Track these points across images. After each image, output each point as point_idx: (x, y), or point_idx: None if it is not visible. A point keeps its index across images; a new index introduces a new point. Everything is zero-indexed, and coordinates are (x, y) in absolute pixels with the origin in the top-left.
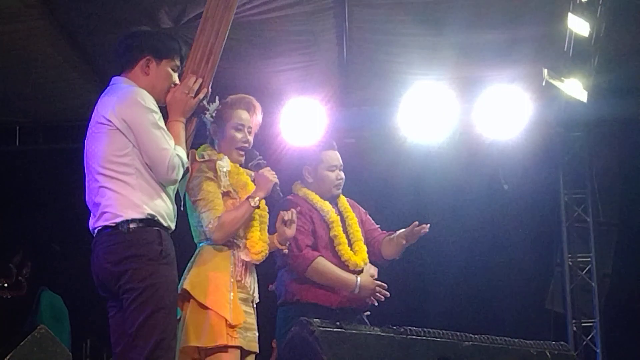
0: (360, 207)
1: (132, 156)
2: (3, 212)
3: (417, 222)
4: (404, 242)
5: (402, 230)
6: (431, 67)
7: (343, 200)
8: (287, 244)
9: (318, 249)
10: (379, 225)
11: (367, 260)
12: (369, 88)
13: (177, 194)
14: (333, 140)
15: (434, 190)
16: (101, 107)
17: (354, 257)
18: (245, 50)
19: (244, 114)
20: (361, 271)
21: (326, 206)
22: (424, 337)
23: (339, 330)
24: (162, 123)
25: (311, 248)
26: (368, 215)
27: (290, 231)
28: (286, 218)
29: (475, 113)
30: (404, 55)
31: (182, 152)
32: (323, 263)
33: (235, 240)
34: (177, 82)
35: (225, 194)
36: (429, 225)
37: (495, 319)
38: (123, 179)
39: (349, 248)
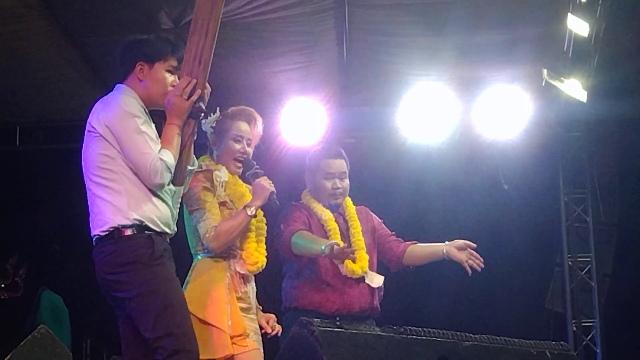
0: (374, 216)
1: (117, 162)
2: (3, 212)
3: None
4: (448, 256)
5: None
6: (431, 68)
7: (350, 209)
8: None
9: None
10: (393, 232)
11: (366, 269)
12: (369, 88)
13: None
14: (338, 147)
15: (434, 190)
16: (91, 114)
17: (351, 265)
18: (246, 51)
19: (243, 126)
20: (360, 279)
21: (326, 214)
22: (424, 337)
23: (339, 330)
24: (145, 127)
25: None
26: (382, 224)
27: None
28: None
29: (475, 113)
30: (404, 55)
31: (167, 156)
32: (305, 233)
33: (233, 252)
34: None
35: (222, 204)
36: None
37: (495, 319)
38: (110, 185)
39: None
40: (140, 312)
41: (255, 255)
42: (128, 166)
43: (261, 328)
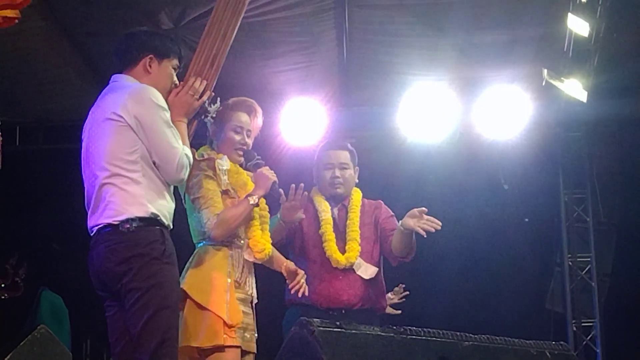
0: (384, 210)
1: (140, 153)
2: (3, 212)
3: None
4: (403, 228)
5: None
6: (431, 68)
7: (354, 201)
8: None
9: (308, 247)
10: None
11: (354, 259)
12: (369, 88)
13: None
14: (340, 139)
15: (434, 190)
16: (110, 103)
17: (336, 254)
18: (246, 51)
19: (243, 117)
20: (349, 270)
21: (323, 206)
22: (424, 337)
23: (339, 330)
24: (171, 122)
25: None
26: (392, 218)
27: None
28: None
29: (475, 113)
30: (404, 55)
31: (189, 152)
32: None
33: (235, 240)
34: (177, 82)
35: (224, 193)
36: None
37: (495, 319)
38: (130, 175)
39: (336, 246)
40: (136, 306)
41: (262, 242)
42: (148, 159)
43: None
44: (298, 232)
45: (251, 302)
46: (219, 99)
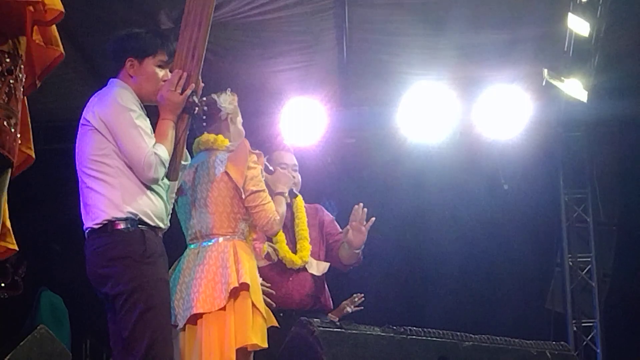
0: (326, 213)
1: (112, 156)
2: None
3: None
4: (347, 242)
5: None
6: (431, 67)
7: (299, 202)
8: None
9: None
10: (341, 232)
11: (307, 259)
12: (369, 88)
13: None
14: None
15: (434, 190)
16: (86, 108)
17: (290, 255)
18: (246, 51)
19: None
20: (301, 269)
21: None
22: (424, 337)
23: (339, 330)
24: (140, 121)
25: None
26: (335, 222)
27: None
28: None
29: (475, 113)
30: (404, 55)
31: (161, 151)
32: None
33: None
34: (169, 76)
35: None
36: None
37: (495, 319)
38: (104, 178)
39: (287, 247)
40: (123, 310)
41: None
42: (123, 160)
43: None
44: None
45: None
46: (229, 89)
